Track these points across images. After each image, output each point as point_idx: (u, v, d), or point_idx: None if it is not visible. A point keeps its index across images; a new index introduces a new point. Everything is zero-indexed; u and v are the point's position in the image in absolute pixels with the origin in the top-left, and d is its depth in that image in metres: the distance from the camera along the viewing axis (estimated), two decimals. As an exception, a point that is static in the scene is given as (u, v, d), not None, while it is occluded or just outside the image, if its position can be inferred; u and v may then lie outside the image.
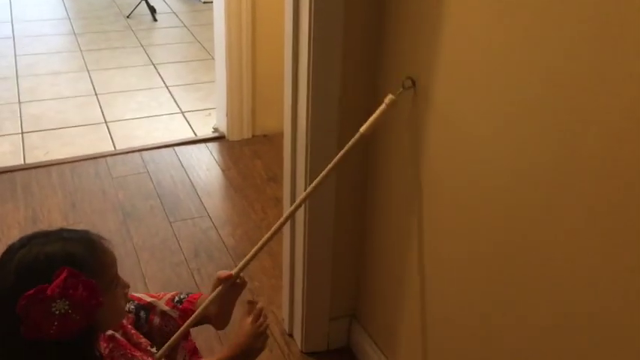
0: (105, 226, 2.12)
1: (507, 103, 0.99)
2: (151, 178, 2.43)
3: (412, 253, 1.32)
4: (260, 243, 1.19)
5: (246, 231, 2.14)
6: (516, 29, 0.94)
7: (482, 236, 1.10)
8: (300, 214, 1.49)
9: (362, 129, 1.21)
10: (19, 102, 3.04)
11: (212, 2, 2.65)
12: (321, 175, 1.22)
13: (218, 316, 1.13)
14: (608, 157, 0.81)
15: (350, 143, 1.22)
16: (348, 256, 1.56)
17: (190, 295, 1.18)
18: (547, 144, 0.91)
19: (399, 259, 1.39)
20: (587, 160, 0.85)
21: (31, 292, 0.78)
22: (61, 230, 0.88)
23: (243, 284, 1.16)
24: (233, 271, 1.14)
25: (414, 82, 1.20)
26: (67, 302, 0.79)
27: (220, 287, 1.12)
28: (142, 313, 1.13)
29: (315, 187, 1.22)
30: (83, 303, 0.80)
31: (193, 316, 1.11)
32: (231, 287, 1.13)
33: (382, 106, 1.20)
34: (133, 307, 1.12)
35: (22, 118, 2.87)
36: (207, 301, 1.11)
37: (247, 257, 1.17)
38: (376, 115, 1.20)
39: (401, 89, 1.20)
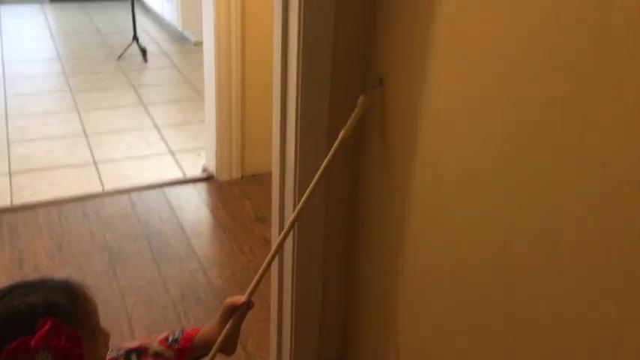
0: (91, 268, 2.10)
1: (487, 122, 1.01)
2: (139, 219, 2.42)
3: (402, 296, 1.32)
4: (265, 263, 1.18)
5: (234, 272, 2.13)
6: (489, 41, 0.97)
7: (468, 280, 1.10)
8: (289, 255, 1.48)
9: (341, 134, 1.25)
10: (8, 142, 3.04)
11: (202, 43, 2.69)
12: (314, 180, 1.23)
13: (228, 341, 1.11)
14: (595, 195, 0.83)
15: (333, 147, 1.25)
16: (337, 298, 1.56)
17: (185, 331, 1.15)
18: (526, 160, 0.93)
19: (388, 301, 1.38)
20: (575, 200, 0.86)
21: (14, 344, 0.77)
22: (42, 279, 0.88)
23: (252, 307, 1.14)
24: (244, 297, 1.12)
25: (381, 81, 1.25)
26: (50, 353, 0.78)
27: (241, 313, 1.10)
28: (133, 356, 1.10)
29: (309, 196, 1.23)
30: (66, 354, 0.79)
31: (217, 344, 1.08)
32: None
33: (356, 109, 1.24)
34: (122, 352, 1.10)
35: (11, 159, 2.87)
36: (227, 329, 1.09)
37: (256, 279, 1.17)
38: (353, 118, 1.25)
39: (371, 88, 1.25)
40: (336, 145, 1.26)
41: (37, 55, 4.44)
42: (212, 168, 2.79)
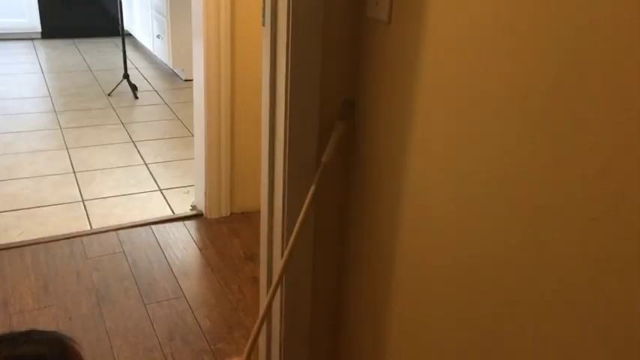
0: (77, 310, 2.07)
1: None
2: (126, 258, 2.40)
3: (390, 346, 1.30)
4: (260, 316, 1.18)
5: (223, 313, 2.10)
6: (465, 65, 0.98)
7: (458, 319, 1.09)
8: (277, 317, 1.47)
9: (324, 158, 1.28)
10: (-4, 181, 3.02)
11: (193, 80, 2.71)
12: (303, 211, 1.22)
13: None
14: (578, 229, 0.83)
15: (317, 174, 1.28)
16: (326, 346, 1.54)
17: None
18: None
19: (377, 348, 1.37)
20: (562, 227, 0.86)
21: None
22: (30, 332, 0.87)
23: None
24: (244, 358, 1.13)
25: (353, 103, 1.28)
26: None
27: None
28: None
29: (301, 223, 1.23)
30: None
31: None
32: None
33: (334, 134, 1.27)
34: None
35: (-2, 197, 2.85)
36: None
37: (251, 338, 1.18)
38: (332, 143, 1.27)
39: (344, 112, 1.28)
40: (319, 172, 1.26)
41: (27, 93, 4.45)
42: (201, 205, 2.78)
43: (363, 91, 1.28)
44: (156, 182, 3.11)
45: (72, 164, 3.26)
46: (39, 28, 6.01)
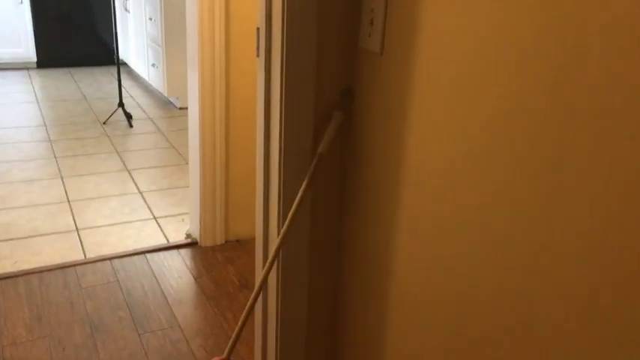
0: (71, 341, 2.05)
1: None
2: (120, 288, 2.38)
3: (388, 342, 1.30)
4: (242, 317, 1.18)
5: (218, 342, 2.08)
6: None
7: (457, 327, 1.09)
8: (272, 327, 1.46)
9: (320, 148, 1.27)
10: (-10, 210, 3.01)
11: (188, 108, 2.73)
12: (294, 208, 1.22)
13: None
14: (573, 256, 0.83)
15: (312, 165, 1.27)
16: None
17: None
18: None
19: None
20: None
21: None
22: None
23: None
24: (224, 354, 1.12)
25: (351, 91, 1.27)
26: None
27: None
28: None
29: (288, 226, 1.22)
30: None
31: None
32: None
33: (332, 124, 1.26)
34: None
35: (-8, 227, 2.84)
36: None
37: (233, 337, 1.17)
38: (329, 133, 1.26)
39: (344, 101, 1.27)
40: (314, 162, 1.26)
41: (22, 122, 4.47)
42: (196, 234, 2.78)
43: (359, 118, 1.30)
44: (150, 210, 3.11)
45: (66, 193, 3.26)
46: (34, 58, 6.05)
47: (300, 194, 1.29)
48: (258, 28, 1.34)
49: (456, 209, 1.04)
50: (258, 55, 1.36)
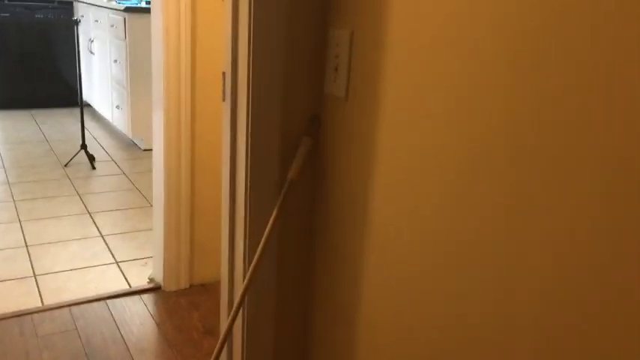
0: (25, 393, 1.95)
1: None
2: (79, 336, 2.30)
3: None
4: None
5: (181, 391, 2.02)
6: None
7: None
8: (238, 341, 1.43)
9: (290, 175, 1.26)
10: (-58, 256, 2.90)
11: (152, 150, 2.70)
12: (261, 245, 1.19)
13: None
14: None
15: (282, 193, 1.25)
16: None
17: None
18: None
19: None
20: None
21: None
22: None
23: None
24: None
25: (318, 118, 1.28)
26: None
27: None
28: None
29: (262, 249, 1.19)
30: None
31: None
32: None
33: (301, 149, 1.26)
34: None
35: (-57, 274, 2.73)
36: None
37: None
38: (299, 159, 1.26)
39: (312, 127, 1.28)
40: (284, 189, 1.25)
41: (-21, 164, 4.36)
42: (159, 278, 2.72)
43: (324, 164, 1.30)
44: (112, 254, 3.03)
45: (24, 237, 3.16)
46: (-5, 99, 5.95)
47: (266, 233, 1.28)
48: (224, 73, 1.34)
49: (420, 257, 1.05)
50: (224, 100, 1.36)
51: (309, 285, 1.42)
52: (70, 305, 2.51)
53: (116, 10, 4.78)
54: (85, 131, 4.52)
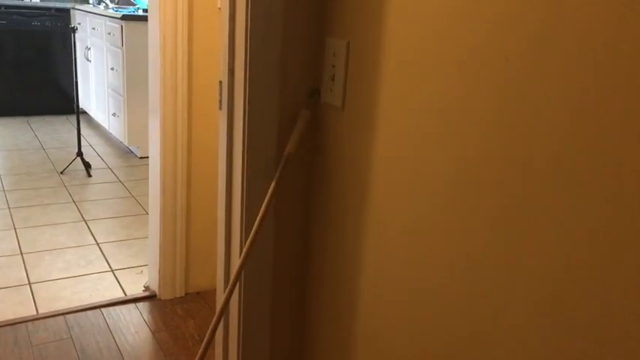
0: (19, 403, 1.94)
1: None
2: (74, 345, 2.28)
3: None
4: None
5: (176, 400, 2.01)
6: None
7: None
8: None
9: (287, 148, 1.24)
10: (-64, 264, 2.88)
11: (148, 157, 2.70)
12: (260, 214, 1.19)
13: None
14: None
15: (279, 167, 1.24)
16: None
17: None
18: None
19: None
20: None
21: None
22: None
23: None
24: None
25: (318, 91, 1.26)
26: None
27: None
28: None
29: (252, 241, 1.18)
30: None
31: None
32: None
33: (299, 122, 1.24)
34: None
35: (-63, 282, 2.71)
36: None
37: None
38: (297, 132, 1.24)
39: (311, 100, 1.26)
40: (282, 163, 1.24)
41: (-25, 171, 4.34)
42: (155, 286, 2.71)
43: (319, 173, 1.30)
44: (108, 262, 3.02)
45: (19, 245, 3.15)
46: (-9, 106, 5.94)
47: (262, 211, 1.28)
48: (220, 82, 1.35)
49: (420, 274, 1.05)
50: (220, 109, 1.36)
51: (306, 277, 1.42)
52: (64, 313, 2.49)
53: (113, 17, 4.78)
54: (82, 139, 4.51)
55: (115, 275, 2.89)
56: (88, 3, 6.12)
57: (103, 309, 2.56)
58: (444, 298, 0.99)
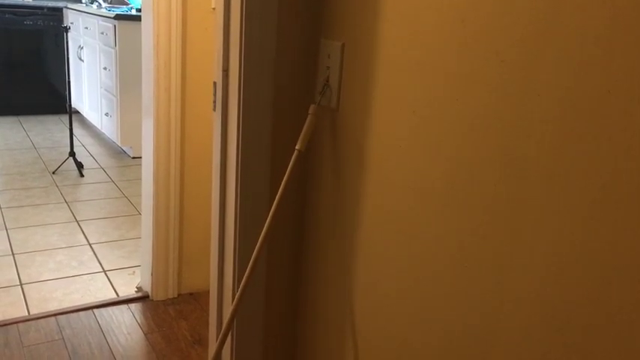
0: (9, 404, 1.93)
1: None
2: (65, 346, 2.27)
3: None
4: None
5: (168, 402, 2.00)
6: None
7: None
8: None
9: (297, 145, 1.21)
10: None
11: (141, 157, 2.69)
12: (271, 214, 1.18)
13: None
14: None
15: (290, 166, 1.22)
16: None
17: None
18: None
19: None
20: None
21: None
22: None
23: None
24: None
25: (327, 82, 1.24)
26: None
27: None
28: None
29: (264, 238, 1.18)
30: None
31: None
32: None
33: (309, 118, 1.22)
34: None
35: None
36: None
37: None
38: (306, 128, 1.22)
39: (319, 97, 1.24)
40: (293, 160, 1.22)
41: (-34, 171, 4.31)
42: (147, 287, 2.69)
43: (313, 175, 1.30)
44: (100, 263, 3.00)
45: (11, 246, 3.12)
46: (-18, 106, 5.91)
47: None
48: (215, 82, 1.34)
49: (414, 279, 1.05)
50: (214, 110, 1.36)
51: (297, 297, 1.41)
52: (56, 314, 2.48)
53: (106, 17, 4.76)
54: (74, 138, 4.49)
55: (107, 276, 2.88)
56: (81, 2, 6.09)
57: (95, 310, 2.55)
58: (440, 302, 1.00)
